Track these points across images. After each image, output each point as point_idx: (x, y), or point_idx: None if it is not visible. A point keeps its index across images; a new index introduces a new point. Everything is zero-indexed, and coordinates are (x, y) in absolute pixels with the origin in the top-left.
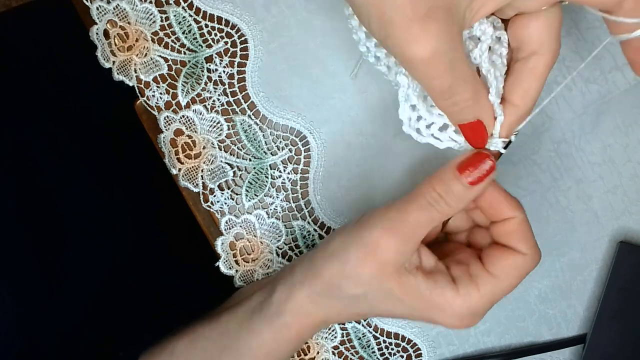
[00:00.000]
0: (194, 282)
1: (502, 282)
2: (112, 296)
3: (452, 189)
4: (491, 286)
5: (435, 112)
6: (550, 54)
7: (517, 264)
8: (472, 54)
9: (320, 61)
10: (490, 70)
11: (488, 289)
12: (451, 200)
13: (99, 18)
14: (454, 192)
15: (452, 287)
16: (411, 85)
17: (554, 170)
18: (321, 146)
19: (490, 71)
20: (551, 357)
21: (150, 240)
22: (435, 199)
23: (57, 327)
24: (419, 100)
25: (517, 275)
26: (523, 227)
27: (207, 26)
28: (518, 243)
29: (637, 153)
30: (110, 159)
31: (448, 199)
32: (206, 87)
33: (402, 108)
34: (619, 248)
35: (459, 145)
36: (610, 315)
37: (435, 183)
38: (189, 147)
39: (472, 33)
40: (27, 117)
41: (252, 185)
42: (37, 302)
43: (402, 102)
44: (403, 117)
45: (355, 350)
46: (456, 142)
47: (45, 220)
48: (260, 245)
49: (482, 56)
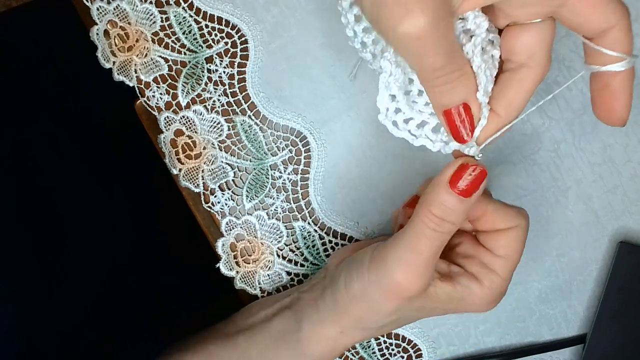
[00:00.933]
0: (193, 282)
1: (513, 258)
2: (112, 296)
3: (450, 208)
4: (507, 266)
5: (415, 108)
6: (539, 68)
7: (516, 236)
8: (465, 48)
9: (320, 61)
10: (482, 66)
11: (505, 270)
12: (453, 218)
13: (99, 18)
14: (453, 210)
15: (476, 283)
16: (394, 74)
17: (554, 170)
18: (321, 146)
19: (482, 67)
20: (551, 357)
21: (150, 240)
22: (438, 223)
23: (57, 327)
24: (400, 92)
25: (521, 245)
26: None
27: (207, 26)
28: (503, 223)
29: (637, 153)
30: (110, 159)
31: (450, 218)
32: (206, 87)
33: (381, 96)
34: (619, 248)
35: (432, 144)
36: (610, 315)
37: (432, 207)
38: (189, 147)
39: (466, 27)
40: (27, 117)
41: (253, 186)
42: (37, 302)
43: (382, 88)
44: (381, 105)
45: (355, 350)
46: (431, 141)
47: (45, 221)
48: (260, 247)
49: (475, 50)
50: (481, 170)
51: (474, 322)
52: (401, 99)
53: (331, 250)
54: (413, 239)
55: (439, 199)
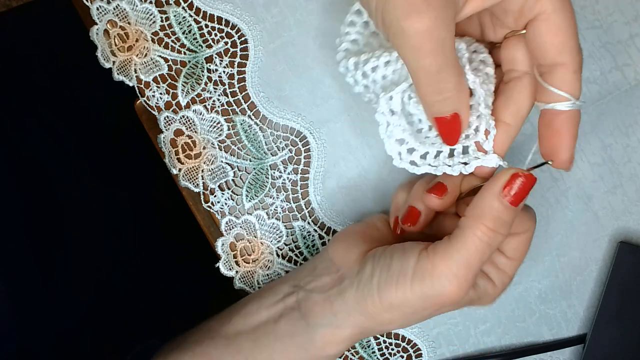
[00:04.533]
0: (193, 282)
1: (520, 259)
2: (110, 295)
3: (504, 219)
4: (515, 267)
5: (427, 142)
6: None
7: (526, 239)
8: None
9: (320, 61)
10: (477, 81)
11: (513, 270)
12: (505, 230)
13: (99, 18)
14: (506, 221)
15: (490, 284)
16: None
17: (554, 170)
18: (321, 146)
19: (477, 82)
20: (551, 357)
21: (149, 240)
22: (492, 237)
23: (56, 326)
24: (406, 134)
25: (528, 247)
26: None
27: (207, 26)
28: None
29: (637, 153)
30: (110, 159)
31: (502, 230)
32: (206, 87)
33: (388, 144)
34: (619, 248)
35: (451, 169)
36: (610, 315)
37: (486, 220)
38: (189, 147)
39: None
40: (28, 117)
41: (253, 186)
42: (35, 300)
43: (385, 139)
44: (392, 153)
45: (355, 350)
46: (449, 167)
47: (46, 220)
48: (260, 246)
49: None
50: (530, 176)
51: (474, 322)
52: (409, 138)
53: None
54: (466, 254)
55: (493, 212)
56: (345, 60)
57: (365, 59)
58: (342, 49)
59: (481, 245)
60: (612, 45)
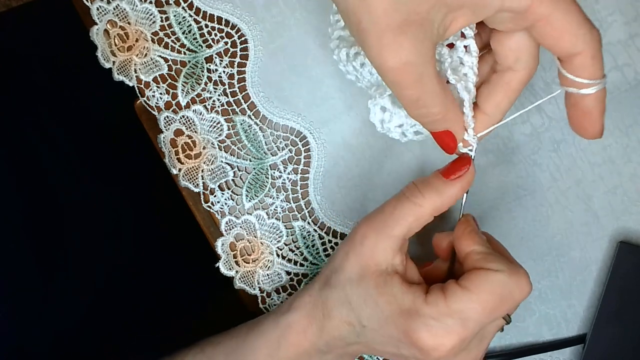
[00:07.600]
0: (193, 282)
1: (473, 295)
2: (110, 296)
3: (430, 181)
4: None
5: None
6: (525, 71)
7: (489, 278)
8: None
9: (320, 61)
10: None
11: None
12: (427, 191)
13: (99, 18)
14: (430, 183)
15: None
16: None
17: (554, 170)
18: (321, 146)
19: (461, 84)
20: (551, 357)
21: (149, 240)
22: (412, 191)
23: (56, 327)
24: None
25: (491, 290)
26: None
27: (207, 26)
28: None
29: (637, 153)
30: (110, 159)
31: (425, 191)
32: (206, 87)
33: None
34: (619, 248)
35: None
36: (610, 315)
37: (416, 180)
38: (189, 147)
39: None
40: (28, 117)
41: (253, 186)
42: (35, 301)
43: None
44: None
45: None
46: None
47: (45, 220)
48: (260, 246)
49: (447, 72)
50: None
51: None
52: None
53: (331, 250)
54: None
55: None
56: (338, 49)
57: (355, 53)
58: (335, 37)
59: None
60: (612, 45)
